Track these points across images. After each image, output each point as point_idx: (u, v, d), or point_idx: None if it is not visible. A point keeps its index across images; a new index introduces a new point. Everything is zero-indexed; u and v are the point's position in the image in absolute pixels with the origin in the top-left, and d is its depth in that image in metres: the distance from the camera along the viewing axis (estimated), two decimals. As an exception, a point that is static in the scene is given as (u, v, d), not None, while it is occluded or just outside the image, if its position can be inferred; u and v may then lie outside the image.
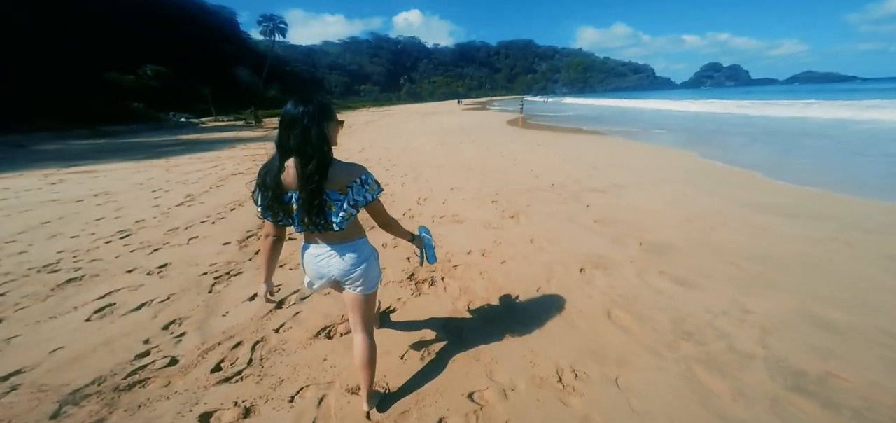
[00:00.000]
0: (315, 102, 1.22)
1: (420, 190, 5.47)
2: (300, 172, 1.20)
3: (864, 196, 4.39)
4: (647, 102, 33.62)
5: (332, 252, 1.38)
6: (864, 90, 48.56)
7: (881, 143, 8.44)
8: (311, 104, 1.21)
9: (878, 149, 7.73)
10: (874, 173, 5.71)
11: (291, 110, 1.21)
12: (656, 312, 2.22)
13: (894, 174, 5.62)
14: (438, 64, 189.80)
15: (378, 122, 24.34)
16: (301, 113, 1.19)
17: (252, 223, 4.23)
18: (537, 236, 3.46)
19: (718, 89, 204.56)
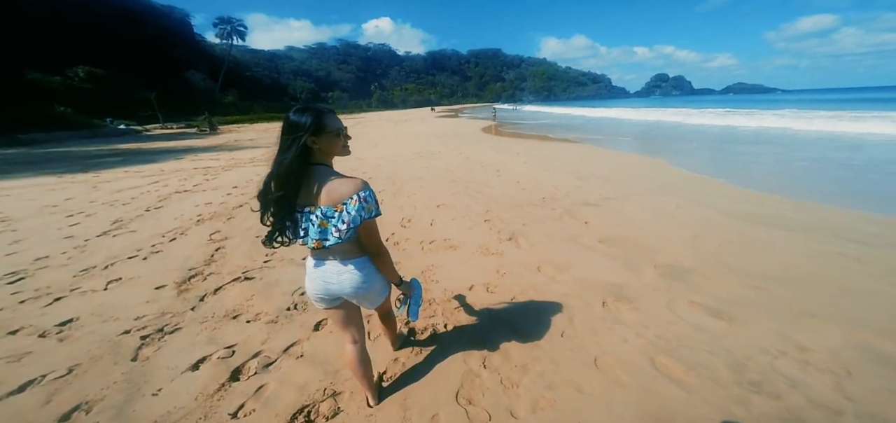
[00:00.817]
0: (303, 115, 1.19)
1: (402, 208, 4.93)
2: (264, 183, 1.24)
3: (834, 204, 4.52)
4: (607, 111, 35.42)
5: (338, 267, 1.35)
6: (788, 101, 55.20)
7: (821, 149, 9.20)
8: (298, 115, 1.20)
9: (819, 155, 8.37)
10: (829, 181, 6.05)
11: (285, 118, 1.23)
12: (707, 356, 1.89)
13: (849, 182, 5.98)
14: (410, 71, 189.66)
15: (349, 129, 23.37)
16: (285, 122, 1.22)
17: (197, 257, 3.47)
18: (543, 263, 3.07)
19: (667, 98, 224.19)
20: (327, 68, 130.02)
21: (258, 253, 3.54)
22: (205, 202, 5.48)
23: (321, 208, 1.22)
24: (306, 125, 1.18)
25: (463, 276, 2.90)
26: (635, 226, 3.90)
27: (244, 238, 3.95)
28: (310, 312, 2.50)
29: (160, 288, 2.89)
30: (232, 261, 3.38)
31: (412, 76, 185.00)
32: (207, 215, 4.85)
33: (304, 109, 1.21)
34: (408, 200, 5.36)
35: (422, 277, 2.93)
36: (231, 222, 4.52)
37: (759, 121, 17.50)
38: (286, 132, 1.20)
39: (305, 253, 1.49)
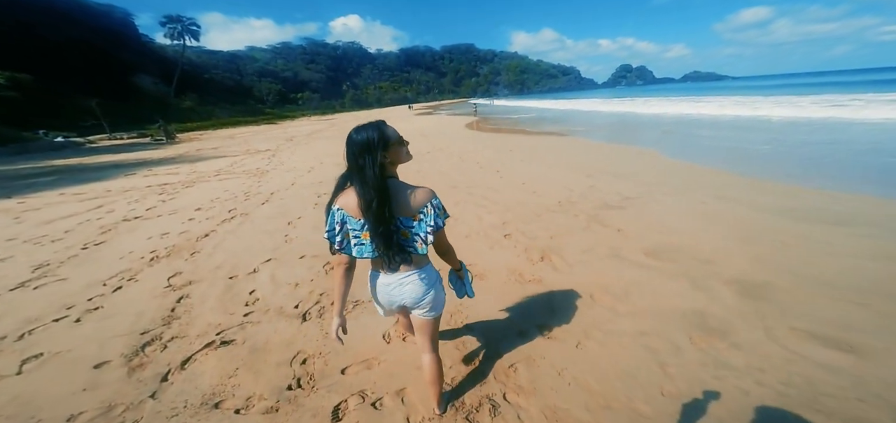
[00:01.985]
0: (368, 132, 1.21)
1: None
2: (361, 205, 1.20)
3: (849, 191, 4.38)
4: (580, 103, 35.85)
5: (403, 280, 1.36)
6: (738, 88, 58.92)
7: (792, 134, 9.45)
8: (363, 133, 1.21)
9: (799, 140, 8.55)
10: (826, 165, 6.03)
11: (350, 140, 1.23)
12: (859, 406, 1.45)
13: (845, 165, 5.99)
14: (383, 69, 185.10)
15: (324, 131, 22.04)
16: (354, 145, 1.21)
17: (152, 313, 2.66)
18: (596, 290, 2.56)
19: (632, 88, 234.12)
20: (294, 68, 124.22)
21: (233, 301, 2.78)
22: (160, 232, 4.54)
23: (401, 219, 1.26)
24: (376, 142, 1.20)
25: (504, 317, 2.33)
26: (675, 231, 3.49)
27: (214, 281, 3.16)
28: (320, 389, 1.84)
29: (102, 366, 2.12)
30: (201, 317, 2.61)
31: (386, 74, 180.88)
32: (164, 250, 3.96)
33: (364, 127, 1.22)
34: (408, 213, 4.71)
35: (450, 322, 2.34)
36: (196, 260, 3.68)
37: (722, 108, 18.12)
38: (359, 154, 1.20)
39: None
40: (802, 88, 38.99)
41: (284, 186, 7.01)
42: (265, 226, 4.62)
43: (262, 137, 21.27)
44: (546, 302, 2.47)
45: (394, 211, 1.23)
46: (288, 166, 9.42)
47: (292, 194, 6.25)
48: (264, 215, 5.13)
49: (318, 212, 5.11)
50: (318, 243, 3.91)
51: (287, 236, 4.18)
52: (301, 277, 3.14)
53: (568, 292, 2.57)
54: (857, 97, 18.14)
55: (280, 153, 12.50)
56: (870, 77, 67.28)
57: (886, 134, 8.33)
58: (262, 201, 5.88)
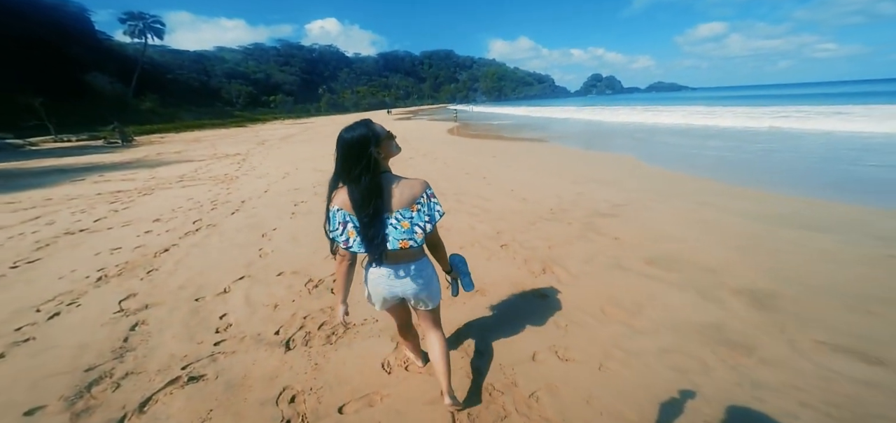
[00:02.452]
0: (359, 130, 1.23)
1: None
2: (352, 199, 1.23)
3: (821, 197, 4.61)
4: (556, 110, 36.56)
5: (402, 272, 1.37)
6: (697, 98, 63.24)
7: (761, 142, 10.12)
8: (354, 131, 1.23)
9: (756, 147, 9.14)
10: (793, 172, 6.43)
11: (342, 139, 1.24)
12: None
13: (799, 173, 6.41)
14: (361, 73, 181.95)
15: (298, 136, 21.14)
16: (345, 144, 1.23)
17: (100, 344, 2.25)
18: (605, 303, 2.44)
19: (602, 96, 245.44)
20: (267, 70, 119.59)
21: (201, 328, 2.41)
22: (110, 247, 3.99)
23: (399, 211, 1.28)
24: (368, 139, 1.22)
25: (515, 340, 2.14)
26: (670, 239, 3.48)
27: (176, 304, 2.75)
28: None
29: (36, 412, 1.72)
30: (162, 347, 2.23)
31: (364, 78, 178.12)
32: (114, 268, 3.45)
33: (354, 126, 1.24)
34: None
35: (457, 349, 2.12)
36: (153, 279, 3.22)
37: (685, 117, 19.06)
38: (353, 152, 1.22)
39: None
40: (752, 99, 42.48)
41: (257, 193, 6.51)
42: (236, 239, 4.19)
43: (230, 140, 20.10)
44: (556, 319, 2.31)
45: (390, 205, 1.27)
46: (260, 172, 8.84)
47: (266, 203, 5.79)
48: (235, 226, 4.68)
49: (296, 222, 4.73)
50: (298, 257, 3.57)
51: (262, 251, 3.79)
52: (280, 297, 2.80)
53: (577, 307, 2.42)
54: (799, 109, 19.91)
55: (251, 158, 11.78)
56: (808, 91, 74.90)
57: (831, 144, 9.08)
58: (232, 211, 5.39)
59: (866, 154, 7.54)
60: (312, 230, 4.30)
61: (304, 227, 4.47)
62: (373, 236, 1.25)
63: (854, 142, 9.18)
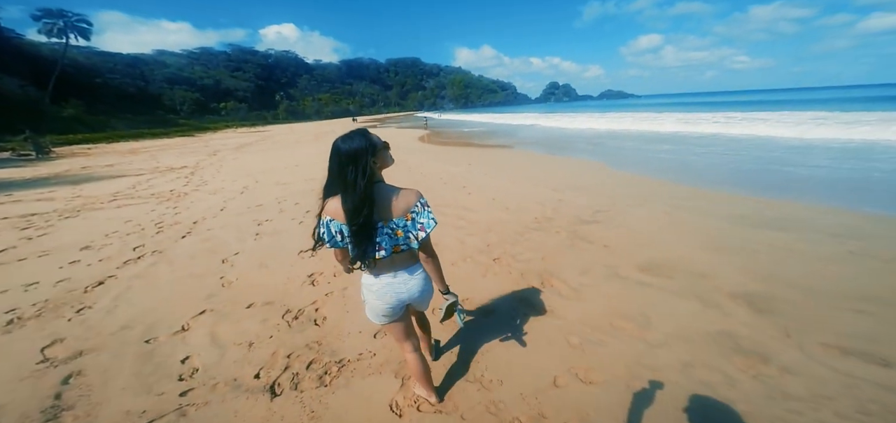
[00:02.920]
0: (356, 141, 1.23)
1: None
2: (347, 212, 1.24)
3: (770, 197, 5.05)
4: (520, 117, 37.51)
5: (403, 275, 1.40)
6: (643, 105, 69.23)
7: (701, 146, 11.16)
8: (351, 142, 1.23)
9: (701, 151, 10.07)
10: (730, 173, 7.08)
11: (337, 149, 1.24)
12: None
13: (745, 174, 7.11)
14: (323, 80, 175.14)
15: (256, 145, 19.69)
16: (342, 154, 1.23)
17: (30, 399, 1.75)
18: (614, 317, 2.37)
19: (560, 104, 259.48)
20: (216, 76, 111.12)
21: (158, 375, 1.98)
22: (23, 283, 3.26)
23: (394, 221, 1.31)
24: (365, 150, 1.23)
25: (531, 364, 1.98)
26: (656, 244, 3.57)
27: (121, 348, 2.26)
28: None
29: None
30: (110, 402, 1.79)
31: (326, 85, 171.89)
32: (31, 308, 2.79)
33: (351, 137, 1.25)
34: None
35: (472, 380, 1.92)
36: (86, 318, 2.64)
37: (635, 124, 20.65)
38: (348, 162, 1.22)
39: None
40: (687, 105, 47.28)
41: (212, 211, 5.81)
42: (190, 267, 3.63)
43: (175, 151, 18.17)
44: (567, 337, 2.20)
45: (384, 214, 1.30)
46: (214, 186, 7.98)
47: (224, 222, 5.17)
48: (187, 251, 4.08)
49: (261, 244, 4.24)
50: (270, 285, 3.15)
51: (224, 280, 3.31)
52: (255, 333, 2.41)
53: (585, 322, 2.34)
54: (727, 115, 22.52)
55: (202, 171, 10.66)
56: (730, 98, 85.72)
57: (762, 147, 10.24)
58: (183, 233, 4.73)
59: (791, 155, 8.59)
60: (283, 253, 3.86)
61: (273, 249, 4.01)
62: (363, 244, 1.28)
63: (778, 145, 10.44)
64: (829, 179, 6.21)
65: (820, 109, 24.04)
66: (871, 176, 6.29)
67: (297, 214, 5.42)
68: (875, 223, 3.89)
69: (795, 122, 15.83)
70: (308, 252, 3.79)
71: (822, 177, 6.44)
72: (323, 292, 2.95)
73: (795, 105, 33.52)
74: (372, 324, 1.99)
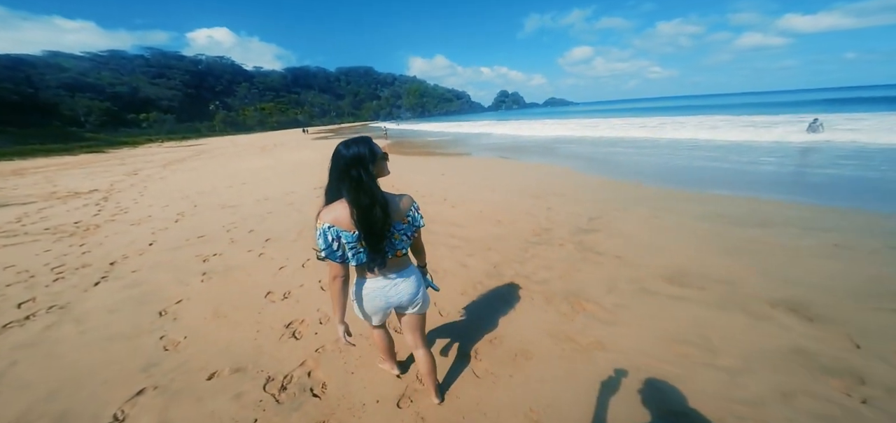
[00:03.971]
0: (359, 147, 1.25)
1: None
2: (357, 216, 1.23)
3: (742, 195, 5.42)
4: (476, 125, 37.38)
5: (398, 280, 1.44)
6: (582, 112, 74.84)
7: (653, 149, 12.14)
8: (354, 148, 1.25)
9: (649, 152, 10.94)
10: (690, 173, 7.65)
11: (340, 155, 1.25)
12: None
13: (705, 172, 7.74)
14: (266, 89, 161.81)
15: (190, 161, 17.20)
16: (344, 159, 1.24)
17: None
18: (668, 342, 2.08)
19: (510, 111, 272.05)
20: (133, 83, 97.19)
21: None
22: None
23: (393, 225, 1.34)
24: (368, 156, 1.26)
25: (613, 417, 1.60)
26: (665, 251, 3.43)
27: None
28: None
29: None
30: None
31: (269, 94, 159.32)
32: None
33: (354, 142, 1.28)
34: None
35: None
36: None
37: (580, 129, 21.95)
38: (352, 167, 1.24)
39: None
40: (618, 112, 51.95)
41: (136, 247, 4.65)
42: (111, 325, 2.70)
43: (80, 171, 15.13)
44: (633, 376, 1.86)
45: (391, 218, 1.33)
46: (137, 215, 6.55)
47: (155, 260, 4.11)
48: (103, 303, 3.08)
49: (212, 287, 3.37)
50: (234, 342, 2.41)
51: (166, 339, 2.47)
52: (231, 418, 1.71)
53: (642, 352, 2.02)
54: (657, 120, 25.19)
55: (119, 194, 8.84)
56: (648, 105, 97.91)
57: (700, 148, 11.36)
58: (95, 279, 3.64)
59: (725, 154, 9.59)
60: (244, 296, 3.07)
61: (229, 292, 3.18)
62: (379, 243, 1.30)
63: (711, 146, 11.70)
64: (764, 174, 6.95)
65: (719, 114, 28.31)
66: (802, 171, 7.20)
67: (253, 243, 4.51)
68: (829, 215, 4.26)
69: (712, 126, 18.23)
70: (280, 295, 3.05)
71: (759, 171, 7.20)
72: (311, 346, 2.30)
73: (697, 110, 39.09)
74: (381, 370, 2.00)
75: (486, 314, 2.57)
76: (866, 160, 7.79)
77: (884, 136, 10.54)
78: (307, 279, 3.34)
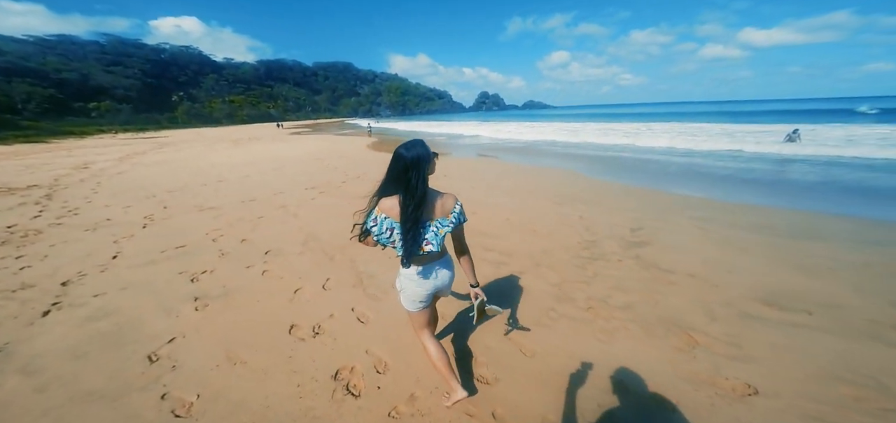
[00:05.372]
0: (418, 149, 1.42)
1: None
2: (404, 211, 1.42)
3: (766, 204, 5.36)
4: (461, 126, 35.19)
5: (442, 268, 1.61)
6: (560, 115, 75.59)
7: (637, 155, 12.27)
8: (414, 150, 1.42)
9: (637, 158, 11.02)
10: (706, 179, 7.63)
11: (400, 156, 1.41)
12: None
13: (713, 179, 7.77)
14: (236, 81, 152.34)
15: (150, 154, 15.42)
16: (405, 160, 1.40)
17: None
18: (829, 382, 1.72)
19: (491, 112, 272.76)
20: (84, 69, 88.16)
21: None
22: None
23: (437, 220, 1.51)
24: (425, 158, 1.43)
25: None
26: (735, 269, 3.10)
27: None
28: None
29: None
30: None
31: (239, 86, 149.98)
32: None
33: (413, 145, 1.44)
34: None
35: None
36: None
37: (557, 133, 21.97)
38: (411, 167, 1.40)
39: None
40: (595, 117, 53.22)
41: (96, 260, 3.81)
42: (81, 377, 2.03)
43: (15, 163, 13.08)
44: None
45: (432, 214, 1.49)
46: (91, 217, 5.55)
47: (125, 279, 3.34)
48: (62, 343, 2.36)
49: (209, 317, 2.68)
50: (271, 405, 1.78)
51: (170, 400, 1.84)
52: None
53: (807, 399, 1.64)
54: (636, 126, 25.87)
55: (64, 191, 7.56)
56: (622, 110, 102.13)
57: (688, 155, 11.59)
58: (44, 307, 2.85)
59: (724, 161, 9.72)
60: (260, 330, 2.42)
61: (239, 326, 2.50)
62: (412, 239, 1.44)
63: (703, 153, 11.91)
64: (773, 183, 7.02)
65: (689, 122, 29.65)
66: (807, 179, 7.35)
67: (251, 257, 3.78)
68: (870, 228, 4.16)
69: (687, 132, 18.88)
70: (308, 330, 2.42)
71: (766, 180, 7.26)
72: (380, 406, 1.72)
73: (670, 117, 41.02)
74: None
75: (584, 352, 2.10)
76: (853, 170, 8.16)
77: (852, 149, 11.11)
78: (335, 307, 2.72)
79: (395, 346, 2.22)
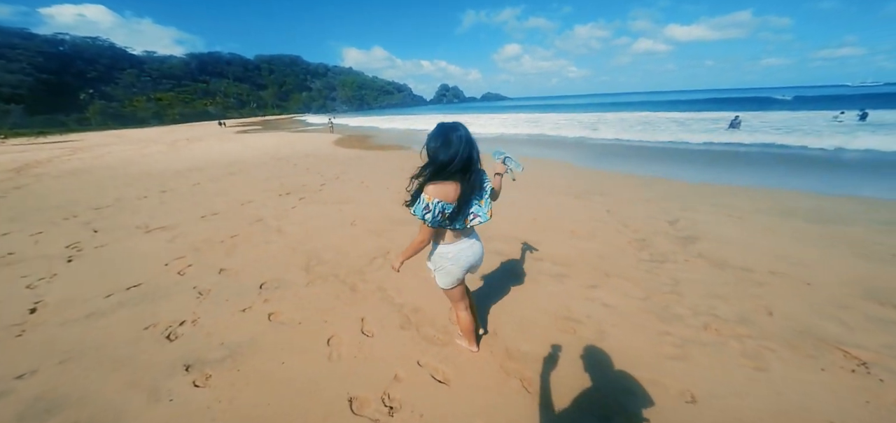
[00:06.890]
0: (468, 135, 1.50)
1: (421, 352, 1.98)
2: (464, 193, 1.51)
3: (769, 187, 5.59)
4: (423, 120, 32.76)
5: (477, 242, 1.75)
6: (518, 107, 76.30)
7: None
8: (460, 130, 1.49)
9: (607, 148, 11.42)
10: (698, 166, 7.94)
11: (453, 140, 1.46)
12: None
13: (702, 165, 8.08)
14: (161, 77, 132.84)
15: (59, 162, 12.45)
16: (461, 142, 1.46)
17: None
18: None
19: (452, 105, 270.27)
20: (-49, 61, 71.86)
21: None
22: None
23: (476, 194, 1.61)
24: (475, 144, 1.53)
25: None
26: (804, 263, 2.94)
27: None
28: None
29: None
30: None
31: (167, 82, 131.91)
32: None
33: (455, 127, 1.51)
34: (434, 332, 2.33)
35: None
36: None
37: (519, 125, 21.43)
38: (474, 146, 1.51)
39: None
40: (548, 108, 55.05)
41: (11, 316, 2.66)
42: None
43: None
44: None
45: (479, 193, 1.62)
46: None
47: (69, 340, 2.35)
48: None
49: (218, 396, 1.84)
50: None
51: None
52: None
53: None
54: (592, 116, 26.61)
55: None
56: (571, 101, 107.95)
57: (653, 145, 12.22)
58: None
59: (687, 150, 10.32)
60: (302, 413, 1.67)
61: (274, 413, 1.73)
62: (465, 214, 1.56)
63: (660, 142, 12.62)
64: (758, 165, 7.46)
65: (628, 111, 31.67)
66: (785, 162, 7.88)
67: (242, 296, 2.88)
68: (884, 207, 4.42)
69: (642, 122, 20.12)
70: (380, 402, 1.73)
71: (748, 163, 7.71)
72: None
73: (614, 108, 43.98)
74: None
75: (743, 388, 1.70)
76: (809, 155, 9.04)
77: (786, 136, 12.19)
78: (393, 361, 2.04)
79: (501, 414, 1.64)
